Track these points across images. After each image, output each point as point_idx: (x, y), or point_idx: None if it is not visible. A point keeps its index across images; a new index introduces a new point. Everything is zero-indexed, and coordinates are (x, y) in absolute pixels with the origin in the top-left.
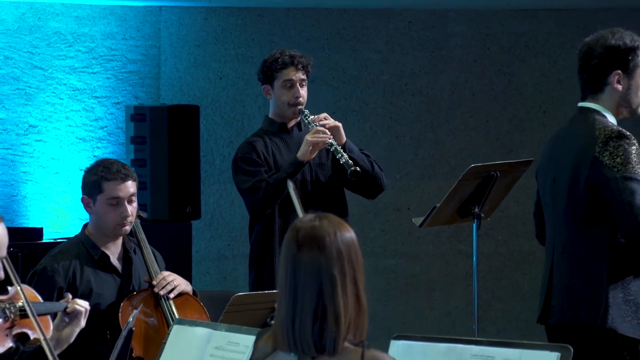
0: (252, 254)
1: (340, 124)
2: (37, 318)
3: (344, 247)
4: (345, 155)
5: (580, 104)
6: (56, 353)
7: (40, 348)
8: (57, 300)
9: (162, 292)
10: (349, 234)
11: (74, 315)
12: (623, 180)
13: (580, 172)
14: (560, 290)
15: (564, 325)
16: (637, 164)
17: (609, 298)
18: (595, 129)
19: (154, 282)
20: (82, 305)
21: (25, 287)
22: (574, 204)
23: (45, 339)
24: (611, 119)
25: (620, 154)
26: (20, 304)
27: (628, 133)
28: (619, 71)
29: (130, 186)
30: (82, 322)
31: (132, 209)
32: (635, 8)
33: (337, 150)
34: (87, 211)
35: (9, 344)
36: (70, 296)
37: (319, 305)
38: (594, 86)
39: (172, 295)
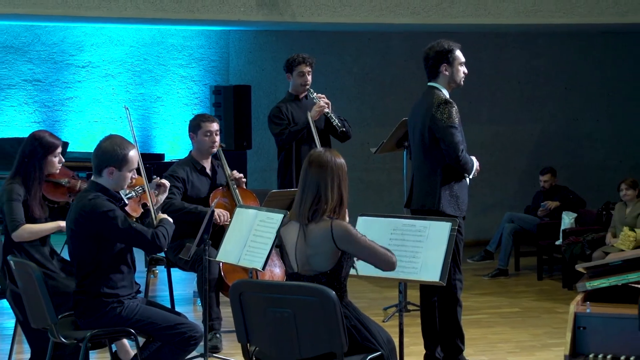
0: (279, 168)
1: (329, 102)
2: (151, 192)
3: (334, 167)
4: (337, 121)
5: (428, 84)
6: (160, 212)
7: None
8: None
9: (232, 182)
10: (340, 159)
11: (163, 187)
12: (447, 127)
13: (425, 123)
14: (416, 188)
15: (418, 209)
16: (456, 118)
17: (441, 194)
18: (434, 98)
19: (229, 176)
20: (164, 182)
21: (140, 177)
22: (423, 141)
23: (152, 204)
24: (445, 92)
25: (446, 112)
26: (138, 187)
27: (451, 100)
28: (445, 64)
29: (216, 125)
30: (167, 192)
31: (217, 138)
32: (490, 32)
33: (332, 117)
34: (192, 142)
35: (140, 210)
36: (158, 178)
37: (316, 196)
38: (433, 74)
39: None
